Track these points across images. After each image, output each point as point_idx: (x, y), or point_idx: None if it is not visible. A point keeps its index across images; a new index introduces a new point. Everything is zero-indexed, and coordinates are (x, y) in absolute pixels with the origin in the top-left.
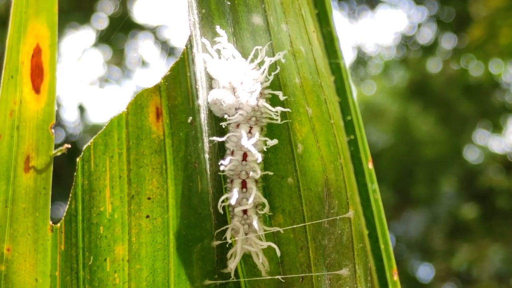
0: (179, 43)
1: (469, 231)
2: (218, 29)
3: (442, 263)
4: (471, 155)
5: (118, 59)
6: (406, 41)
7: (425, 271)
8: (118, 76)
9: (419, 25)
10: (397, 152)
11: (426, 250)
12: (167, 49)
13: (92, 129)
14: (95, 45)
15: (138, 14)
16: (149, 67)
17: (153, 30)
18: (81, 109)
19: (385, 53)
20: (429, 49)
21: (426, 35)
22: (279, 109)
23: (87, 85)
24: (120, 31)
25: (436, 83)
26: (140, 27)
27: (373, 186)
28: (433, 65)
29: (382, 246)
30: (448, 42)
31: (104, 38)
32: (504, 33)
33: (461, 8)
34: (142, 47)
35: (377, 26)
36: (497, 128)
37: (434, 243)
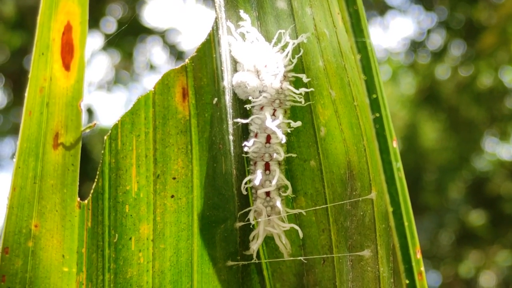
0: (188, 47)
1: (477, 237)
2: (241, 13)
3: (449, 270)
4: (479, 162)
5: (127, 63)
6: (415, 47)
7: (432, 278)
8: (126, 79)
9: (429, 31)
10: (405, 158)
11: (434, 257)
12: (176, 53)
13: (100, 133)
14: (104, 48)
15: (147, 18)
16: (158, 71)
17: (162, 34)
18: (89, 112)
19: (394, 58)
20: (438, 55)
21: (435, 41)
22: (303, 90)
23: (96, 89)
24: (128, 35)
25: (444, 89)
26: (149, 31)
27: (398, 164)
28: (442, 72)
29: (406, 224)
30: (458, 48)
31: (112, 41)
32: None
33: (470, 15)
34: (151, 51)
35: (386, 32)
36: (505, 135)
37: (441, 250)
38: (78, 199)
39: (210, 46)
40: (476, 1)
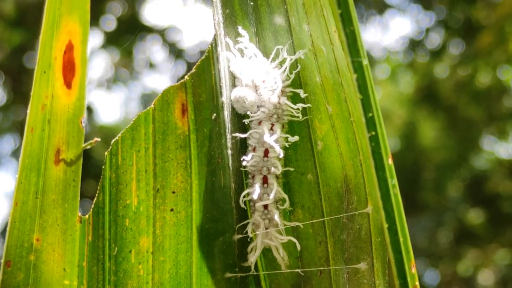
0: (187, 46)
1: (475, 236)
2: (240, 29)
3: (448, 268)
4: (478, 160)
5: (126, 61)
6: (414, 46)
7: (431, 277)
8: (126, 77)
9: (427, 30)
10: (403, 157)
11: (432, 255)
12: (175, 51)
13: (100, 130)
14: (103, 46)
15: (147, 16)
16: (157, 69)
17: (161, 32)
18: (89, 110)
19: (392, 57)
20: (437, 54)
21: (434, 40)
22: (301, 105)
23: (95, 87)
24: (128, 33)
25: (443, 88)
26: (149, 29)
27: (393, 181)
28: (441, 70)
29: (401, 239)
30: (456, 47)
31: (112, 39)
32: None
33: (469, 14)
34: (150, 49)
35: (385, 31)
36: (503, 134)
37: (440, 248)
38: (79, 213)
39: (209, 62)
40: (474, 0)
